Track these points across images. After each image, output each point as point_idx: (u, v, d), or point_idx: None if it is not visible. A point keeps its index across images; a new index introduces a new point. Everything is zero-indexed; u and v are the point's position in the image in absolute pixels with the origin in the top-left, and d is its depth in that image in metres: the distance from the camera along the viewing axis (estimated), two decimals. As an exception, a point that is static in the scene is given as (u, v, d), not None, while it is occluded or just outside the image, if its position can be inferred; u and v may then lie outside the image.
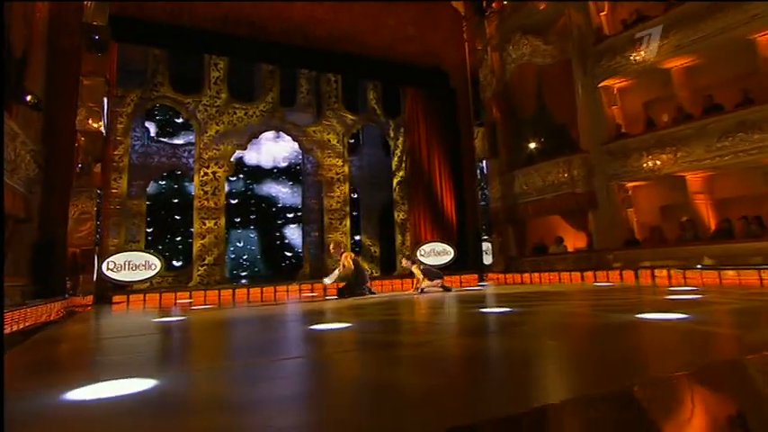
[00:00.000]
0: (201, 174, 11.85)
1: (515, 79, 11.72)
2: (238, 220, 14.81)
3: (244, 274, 14.68)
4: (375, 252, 14.13)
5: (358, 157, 14.68)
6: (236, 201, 14.85)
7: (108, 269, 9.23)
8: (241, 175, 14.82)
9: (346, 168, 13.42)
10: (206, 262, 11.68)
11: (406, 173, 13.80)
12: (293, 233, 14.56)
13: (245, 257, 14.89)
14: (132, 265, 9.45)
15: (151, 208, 12.62)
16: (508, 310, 4.57)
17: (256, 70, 12.81)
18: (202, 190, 11.81)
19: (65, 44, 8.38)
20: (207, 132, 11.96)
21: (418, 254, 12.13)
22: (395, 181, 14.06)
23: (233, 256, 14.61)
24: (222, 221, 11.99)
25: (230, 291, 9.78)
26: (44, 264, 7.98)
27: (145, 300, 8.90)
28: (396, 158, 14.12)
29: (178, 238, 12.79)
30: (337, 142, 13.37)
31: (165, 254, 13.30)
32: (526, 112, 11.38)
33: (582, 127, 10.32)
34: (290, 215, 15.15)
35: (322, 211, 13.10)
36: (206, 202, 11.83)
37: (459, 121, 13.25)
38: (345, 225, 13.15)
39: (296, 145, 13.44)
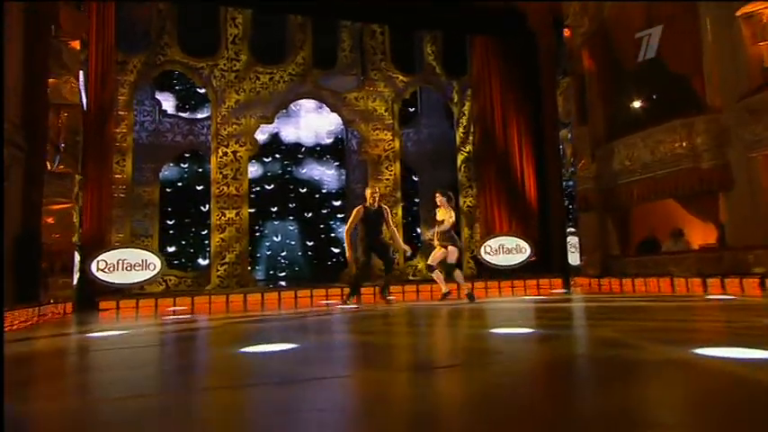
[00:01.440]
0: (219, 154, 11.48)
1: (615, 16, 10.11)
2: (275, 209, 14.57)
3: (282, 274, 14.42)
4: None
5: (414, 130, 13.72)
6: (271, 186, 14.57)
7: (98, 269, 9.02)
8: (277, 155, 14.52)
9: (397, 143, 12.56)
10: (226, 260, 11.35)
11: (475, 147, 12.76)
12: (340, 225, 13.93)
13: (283, 254, 14.61)
14: (127, 264, 9.28)
15: (167, 196, 12.45)
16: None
17: (283, 24, 12.16)
18: (220, 173, 11.47)
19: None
20: (224, 103, 11.56)
21: (483, 251, 11.00)
22: (460, 158, 12.97)
23: (269, 252, 14.47)
24: (245, 211, 11.61)
25: (258, 294, 9.49)
26: (26, 263, 7.76)
27: (137, 306, 8.67)
28: (461, 129, 13.09)
29: (204, 232, 12.59)
30: (385, 111, 12.55)
31: (189, 250, 13.28)
32: (629, 60, 9.76)
33: (710, 77, 8.66)
34: (337, 203, 14.55)
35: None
36: (225, 188, 11.48)
37: (541, 77, 11.85)
38: (397, 214, 12.23)
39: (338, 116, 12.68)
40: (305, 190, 14.67)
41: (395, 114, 12.56)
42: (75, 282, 8.26)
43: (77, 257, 8.34)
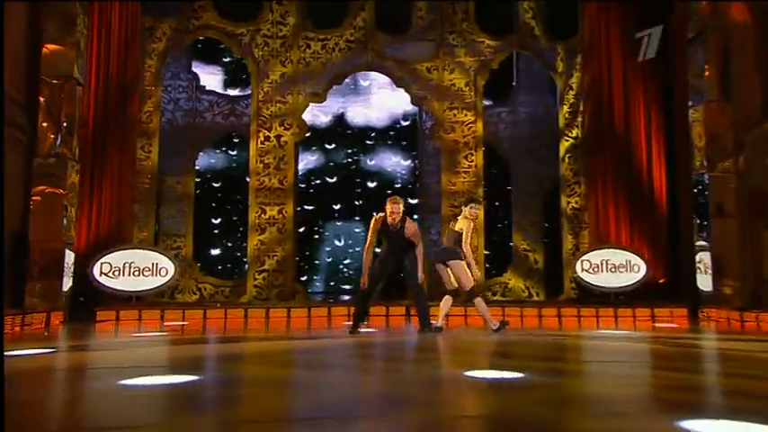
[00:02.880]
0: (260, 138, 11.24)
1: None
2: (337, 207, 14.11)
3: (346, 287, 13.90)
4: (535, 262, 12.10)
5: (507, 109, 12.68)
6: (334, 179, 14.13)
7: (102, 273, 8.89)
8: (341, 142, 14.14)
9: (479, 126, 11.67)
10: (265, 267, 11.06)
11: (584, 131, 11.60)
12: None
13: (347, 262, 14.05)
14: (135, 268, 9.27)
15: (204, 188, 12.34)
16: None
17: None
18: (261, 162, 11.21)
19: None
20: (267, 77, 11.29)
21: (578, 267, 10.13)
22: (563, 146, 11.71)
23: (329, 260, 14.19)
24: (290, 207, 11.32)
25: (301, 310, 9.35)
26: (12, 262, 7.67)
27: (140, 318, 8.60)
28: (565, 108, 11.94)
29: (242, 232, 12.34)
30: (466, 85, 11.70)
31: (229, 254, 13.09)
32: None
33: None
34: (413, 201, 13.77)
35: (441, 194, 11.43)
36: (266, 180, 11.21)
37: (676, 40, 10.34)
38: (477, 218, 11.15)
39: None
40: (374, 184, 14.08)
41: (477, 89, 11.70)
42: (66, 286, 8.07)
43: (70, 258, 8.13)
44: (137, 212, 10.63)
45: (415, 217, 12.48)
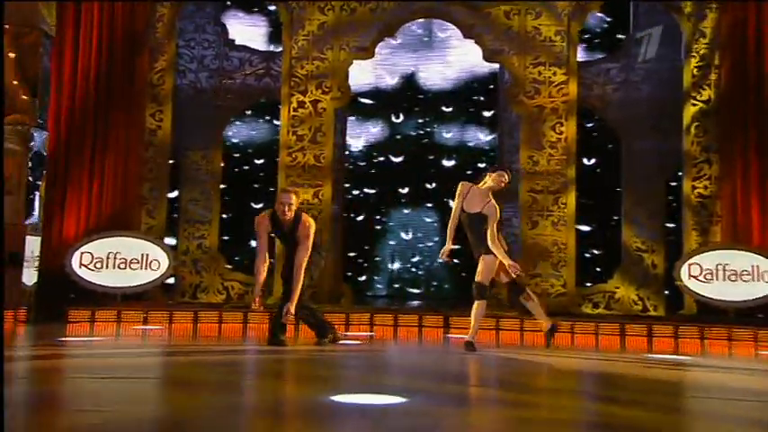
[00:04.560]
0: (293, 104, 10.63)
1: None
2: (406, 191, 13.52)
3: (415, 291, 13.32)
4: (653, 264, 10.99)
5: (618, 65, 11.36)
6: (400, 158, 13.45)
7: (81, 264, 8.72)
8: (410, 111, 13.44)
9: (572, 88, 10.57)
10: None
11: (719, 92, 10.35)
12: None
13: (415, 260, 13.44)
14: (120, 259, 9.01)
15: (233, 166, 12.00)
16: None
17: None
18: (293, 134, 10.57)
19: None
20: (302, 29, 10.63)
21: (684, 273, 9.44)
22: (689, 112, 10.48)
23: (393, 256, 13.63)
24: (327, 190, 10.60)
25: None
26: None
27: (119, 319, 8.46)
28: (694, 62, 10.58)
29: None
30: (556, 34, 10.65)
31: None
32: None
33: None
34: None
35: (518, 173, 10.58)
36: (299, 156, 10.57)
37: None
38: (566, 207, 10.38)
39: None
40: (451, 163, 13.21)
41: (572, 39, 10.64)
42: (31, 280, 7.88)
43: (33, 246, 7.91)
44: (146, 194, 10.23)
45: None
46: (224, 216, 11.35)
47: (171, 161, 10.94)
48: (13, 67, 7.75)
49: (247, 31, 11.99)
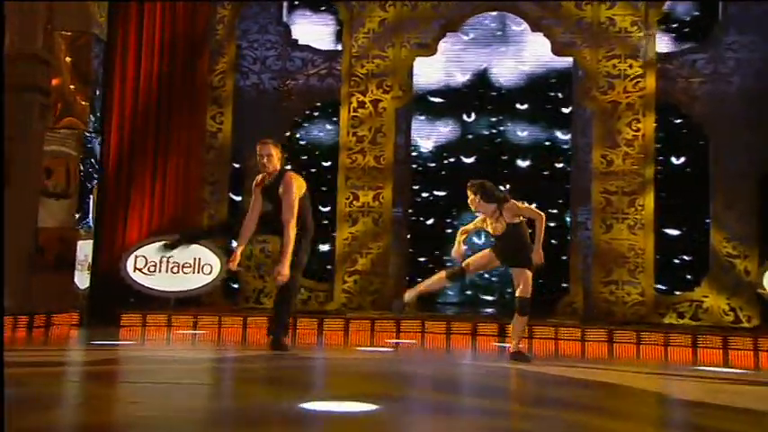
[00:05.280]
0: (353, 104, 10.73)
1: None
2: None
3: (488, 297, 13.01)
4: (745, 270, 10.56)
5: (706, 56, 10.92)
6: (472, 158, 13.15)
7: (136, 269, 8.99)
8: (488, 107, 13.12)
9: (650, 81, 10.25)
10: (357, 267, 10.57)
11: None
12: (552, 221, 11.94)
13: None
14: (173, 263, 9.21)
15: (297, 168, 11.79)
16: None
17: None
18: (353, 134, 10.65)
19: None
20: (363, 27, 10.73)
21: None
22: None
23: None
24: (388, 192, 10.64)
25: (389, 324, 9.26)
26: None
27: (169, 324, 8.72)
28: None
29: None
30: (632, 25, 10.36)
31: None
32: None
33: None
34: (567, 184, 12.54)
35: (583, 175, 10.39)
36: (359, 158, 10.66)
37: None
38: (644, 209, 10.06)
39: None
40: (526, 163, 12.88)
41: (648, 27, 10.37)
42: (84, 283, 8.17)
43: (85, 249, 8.20)
44: (207, 197, 10.50)
45: (562, 202, 11.40)
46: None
47: (234, 164, 11.20)
48: (69, 72, 8.05)
49: (310, 30, 12.09)
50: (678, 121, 11.10)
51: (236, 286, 10.83)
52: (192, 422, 3.48)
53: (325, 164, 12.19)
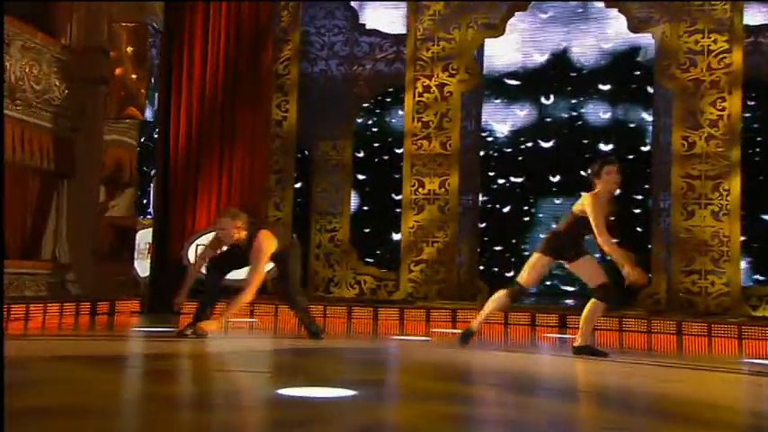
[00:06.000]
0: (419, 89, 10.70)
1: None
2: (557, 179, 12.86)
3: (569, 289, 12.73)
4: None
5: None
6: (550, 143, 12.91)
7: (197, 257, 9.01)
8: (567, 88, 12.83)
9: (737, 57, 9.77)
10: (423, 256, 10.55)
11: None
12: (637, 208, 11.92)
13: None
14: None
15: (364, 157, 12.18)
16: None
17: None
18: (419, 120, 10.65)
19: None
20: (428, 9, 10.70)
21: None
22: None
23: None
24: (454, 179, 10.58)
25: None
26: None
27: None
28: None
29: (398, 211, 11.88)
30: None
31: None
32: None
33: None
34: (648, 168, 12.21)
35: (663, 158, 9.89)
36: (425, 144, 10.63)
37: None
38: (730, 193, 9.61)
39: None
40: (609, 147, 12.51)
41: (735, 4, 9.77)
42: (144, 272, 8.43)
43: (145, 238, 8.45)
44: (272, 186, 10.71)
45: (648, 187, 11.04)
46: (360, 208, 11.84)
47: (303, 151, 11.43)
48: (132, 62, 8.33)
49: (377, 14, 12.08)
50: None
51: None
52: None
53: (394, 150, 12.28)
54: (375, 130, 12.40)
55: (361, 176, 11.97)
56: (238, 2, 10.26)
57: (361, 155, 12.04)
